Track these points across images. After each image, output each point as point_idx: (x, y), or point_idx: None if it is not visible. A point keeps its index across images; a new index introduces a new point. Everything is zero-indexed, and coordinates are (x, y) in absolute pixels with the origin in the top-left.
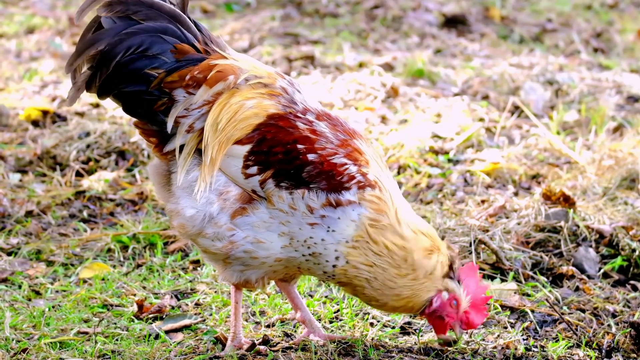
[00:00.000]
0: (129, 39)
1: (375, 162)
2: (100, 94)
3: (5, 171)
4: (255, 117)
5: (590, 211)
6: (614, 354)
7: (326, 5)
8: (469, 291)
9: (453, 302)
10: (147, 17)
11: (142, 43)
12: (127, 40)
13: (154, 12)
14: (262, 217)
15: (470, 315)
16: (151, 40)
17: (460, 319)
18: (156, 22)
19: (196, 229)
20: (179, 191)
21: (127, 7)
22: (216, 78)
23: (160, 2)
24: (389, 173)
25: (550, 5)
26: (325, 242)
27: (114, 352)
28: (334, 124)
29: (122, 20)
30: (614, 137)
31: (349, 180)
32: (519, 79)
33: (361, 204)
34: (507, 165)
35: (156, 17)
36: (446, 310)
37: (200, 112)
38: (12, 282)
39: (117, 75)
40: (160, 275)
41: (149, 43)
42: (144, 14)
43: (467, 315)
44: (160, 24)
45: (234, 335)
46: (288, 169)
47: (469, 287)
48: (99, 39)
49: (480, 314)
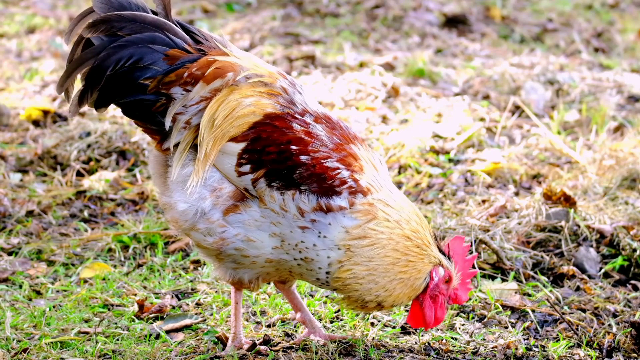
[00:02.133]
0: (118, 52)
1: (372, 166)
2: (98, 107)
3: (6, 171)
4: (252, 115)
5: (591, 211)
6: (615, 354)
7: (327, 5)
8: (459, 268)
9: (447, 278)
10: (133, 31)
11: (133, 55)
12: (117, 54)
13: (138, 25)
14: (253, 215)
15: (458, 291)
16: (141, 51)
17: (449, 295)
18: (143, 33)
19: (188, 224)
20: (173, 185)
21: (110, 25)
22: (214, 74)
23: (142, 14)
24: (387, 177)
25: (551, 5)
26: (317, 248)
27: (115, 352)
28: (332, 127)
29: (109, 37)
30: (615, 137)
31: (341, 184)
32: (519, 78)
33: (352, 210)
34: (507, 165)
35: (141, 30)
36: (439, 288)
37: (197, 109)
38: (13, 281)
39: (112, 88)
40: (161, 275)
41: (139, 54)
42: (128, 28)
43: (455, 291)
44: (147, 34)
45: (235, 335)
46: (280, 169)
47: (459, 263)
48: (88, 57)
49: (466, 290)
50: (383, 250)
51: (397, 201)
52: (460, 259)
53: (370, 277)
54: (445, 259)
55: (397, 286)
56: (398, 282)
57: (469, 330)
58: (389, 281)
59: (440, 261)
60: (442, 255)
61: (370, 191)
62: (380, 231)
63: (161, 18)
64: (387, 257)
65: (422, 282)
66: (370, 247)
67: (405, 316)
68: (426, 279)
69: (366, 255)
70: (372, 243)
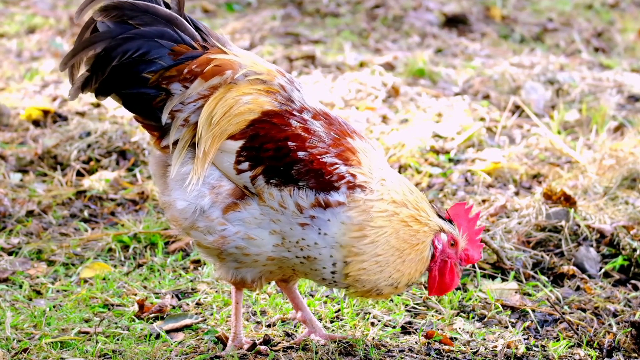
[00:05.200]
0: (125, 43)
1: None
2: (98, 95)
3: (6, 171)
4: (250, 112)
5: (591, 211)
6: (615, 354)
7: (327, 5)
8: (464, 229)
9: (451, 242)
10: (144, 22)
11: (140, 48)
12: (124, 45)
13: (150, 17)
14: (253, 213)
15: (468, 251)
16: (148, 44)
17: (460, 257)
18: (152, 27)
19: (188, 222)
20: (172, 183)
21: (122, 12)
22: (212, 72)
23: (156, 6)
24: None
25: (551, 4)
26: (318, 247)
27: (115, 352)
28: (330, 123)
29: (119, 25)
30: (615, 137)
31: (338, 179)
32: (519, 78)
33: (350, 205)
34: (508, 165)
35: (153, 22)
36: (447, 252)
37: (195, 106)
38: (13, 281)
39: (115, 79)
40: (161, 274)
41: (146, 48)
42: (140, 19)
43: (466, 252)
44: (156, 28)
45: (235, 335)
46: (278, 165)
47: (462, 224)
48: (97, 41)
49: (477, 248)
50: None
51: (393, 185)
52: (463, 221)
53: (378, 268)
54: (447, 223)
55: (407, 266)
56: (408, 263)
57: (469, 330)
58: (400, 264)
59: (441, 227)
60: (443, 221)
61: (368, 183)
62: (380, 225)
63: (173, 13)
64: (393, 247)
65: (427, 252)
66: (373, 244)
67: (405, 315)
68: (431, 248)
69: (370, 251)
70: (375, 239)
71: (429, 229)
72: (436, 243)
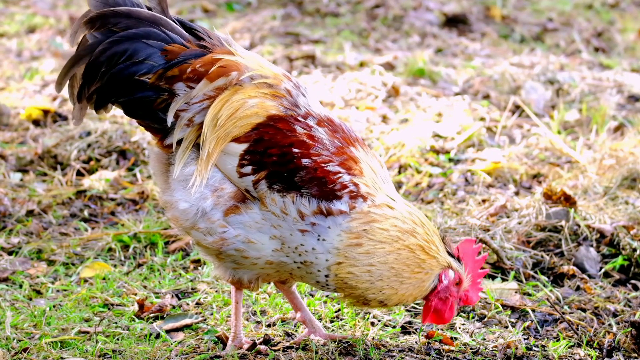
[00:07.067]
0: (112, 47)
1: (371, 170)
2: (98, 108)
3: (6, 170)
4: (255, 116)
5: (591, 210)
6: (615, 354)
7: (327, 5)
8: (469, 269)
9: (457, 280)
10: (128, 26)
11: (127, 50)
12: (111, 49)
13: (133, 21)
14: (254, 217)
15: (469, 293)
16: (135, 46)
17: (459, 297)
18: (137, 28)
19: (189, 223)
20: (175, 183)
21: (106, 21)
22: (218, 73)
23: (137, 9)
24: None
25: (551, 4)
26: (316, 252)
27: (115, 352)
28: (334, 129)
29: (105, 34)
30: (615, 137)
31: (341, 189)
32: (519, 78)
33: (352, 214)
34: (508, 165)
35: (137, 25)
36: (450, 290)
37: (200, 107)
38: (13, 281)
39: (110, 87)
40: (161, 274)
41: (133, 49)
42: (124, 24)
43: (467, 293)
44: (142, 29)
45: (235, 335)
46: (281, 171)
47: (469, 264)
48: (83, 54)
49: (477, 291)
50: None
51: (397, 205)
52: (470, 261)
53: (369, 277)
54: (455, 261)
55: (404, 288)
56: (405, 286)
57: (469, 329)
58: (396, 283)
59: (450, 264)
60: (452, 258)
61: (370, 195)
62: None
63: (157, 14)
64: (391, 266)
65: (429, 283)
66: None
67: (405, 315)
68: (434, 281)
69: (363, 260)
70: (370, 250)
71: (437, 263)
72: (443, 278)
